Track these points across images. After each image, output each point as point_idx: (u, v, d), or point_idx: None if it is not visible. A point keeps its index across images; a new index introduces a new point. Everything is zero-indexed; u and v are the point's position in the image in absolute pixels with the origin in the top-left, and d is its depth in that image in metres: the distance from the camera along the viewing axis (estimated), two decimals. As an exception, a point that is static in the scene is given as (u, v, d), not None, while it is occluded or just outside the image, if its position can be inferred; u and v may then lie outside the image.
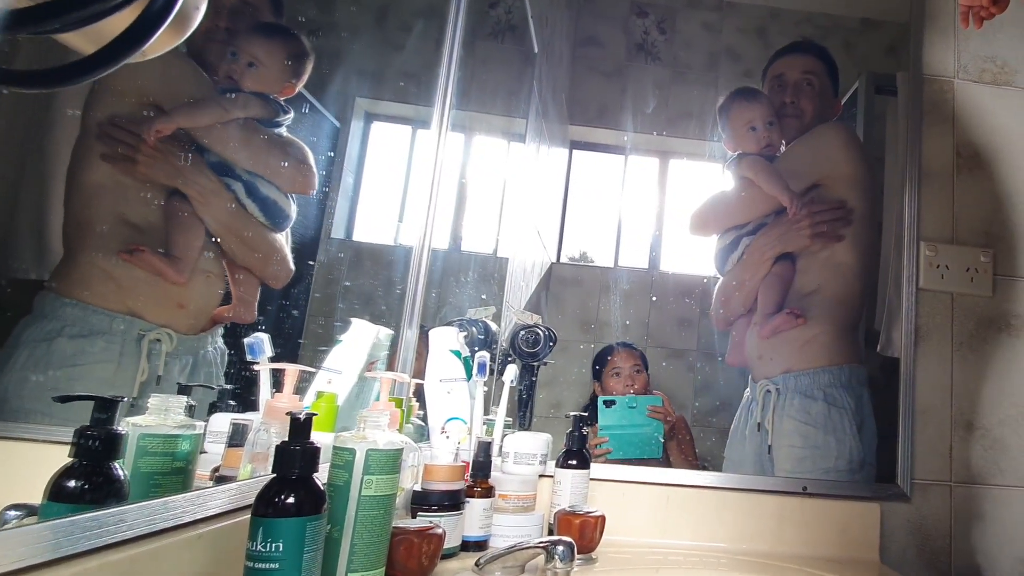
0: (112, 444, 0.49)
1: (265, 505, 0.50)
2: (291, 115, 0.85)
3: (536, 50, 1.43)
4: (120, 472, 0.50)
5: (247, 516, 0.51)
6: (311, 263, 0.94)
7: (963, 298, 1.31)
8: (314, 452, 0.53)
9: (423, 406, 0.93)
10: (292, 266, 0.88)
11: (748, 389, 1.31)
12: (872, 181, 1.36)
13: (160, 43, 0.33)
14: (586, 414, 1.01)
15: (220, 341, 0.78)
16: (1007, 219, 1.34)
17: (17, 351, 0.51)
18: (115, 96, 0.62)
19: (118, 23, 0.30)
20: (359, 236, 1.06)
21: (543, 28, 1.44)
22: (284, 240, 0.88)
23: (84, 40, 0.31)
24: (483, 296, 1.23)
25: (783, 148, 1.38)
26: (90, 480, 0.48)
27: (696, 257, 1.41)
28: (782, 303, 1.29)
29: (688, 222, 1.40)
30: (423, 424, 0.96)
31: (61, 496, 0.47)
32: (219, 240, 0.77)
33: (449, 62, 1.08)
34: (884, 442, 1.25)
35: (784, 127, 1.36)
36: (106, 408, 0.49)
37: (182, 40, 0.36)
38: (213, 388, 0.76)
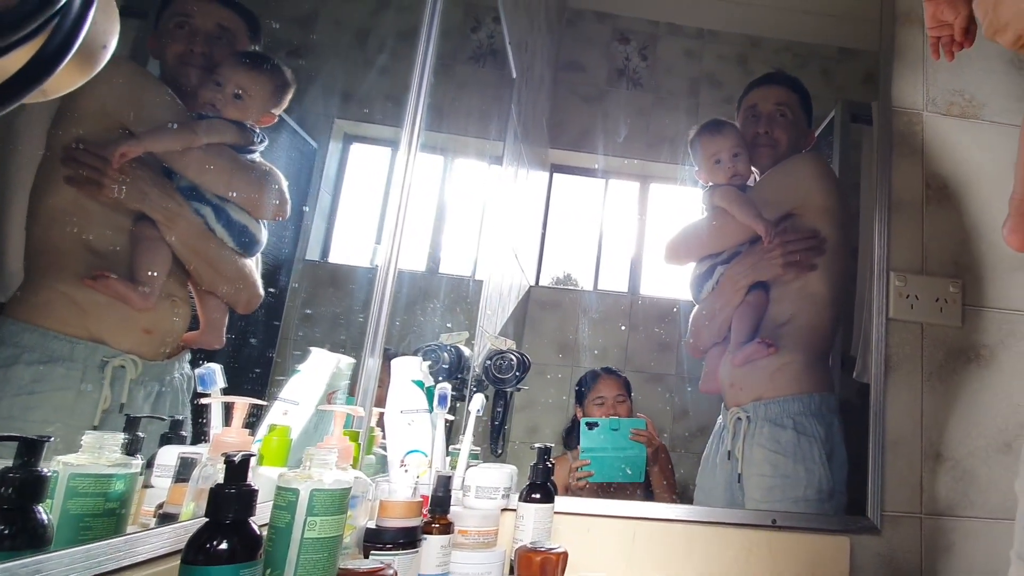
0: (35, 486, 0.47)
1: (195, 552, 0.49)
2: (265, 142, 0.85)
3: (515, 75, 1.44)
4: (43, 516, 0.48)
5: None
6: (282, 288, 0.92)
7: (932, 328, 1.31)
8: (249, 495, 0.51)
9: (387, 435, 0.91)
10: (261, 291, 0.87)
11: (720, 416, 1.31)
12: (845, 211, 1.37)
13: (63, 82, 0.33)
14: (552, 445, 0.99)
15: (188, 367, 0.76)
16: (975, 250, 1.36)
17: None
18: (81, 119, 0.61)
19: (15, 61, 0.30)
20: (335, 258, 1.05)
21: (522, 53, 1.45)
22: (254, 265, 0.87)
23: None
24: (448, 325, 1.22)
25: (757, 177, 1.39)
26: (9, 525, 0.46)
27: (676, 281, 1.41)
28: (755, 332, 1.29)
29: (663, 252, 1.41)
30: (386, 454, 0.94)
31: (-22, 543, 0.45)
32: (186, 265, 0.76)
33: (420, 84, 1.08)
34: (858, 469, 1.24)
35: (758, 157, 1.38)
36: (30, 450, 0.47)
37: (88, 79, 0.36)
38: (164, 419, 0.74)
